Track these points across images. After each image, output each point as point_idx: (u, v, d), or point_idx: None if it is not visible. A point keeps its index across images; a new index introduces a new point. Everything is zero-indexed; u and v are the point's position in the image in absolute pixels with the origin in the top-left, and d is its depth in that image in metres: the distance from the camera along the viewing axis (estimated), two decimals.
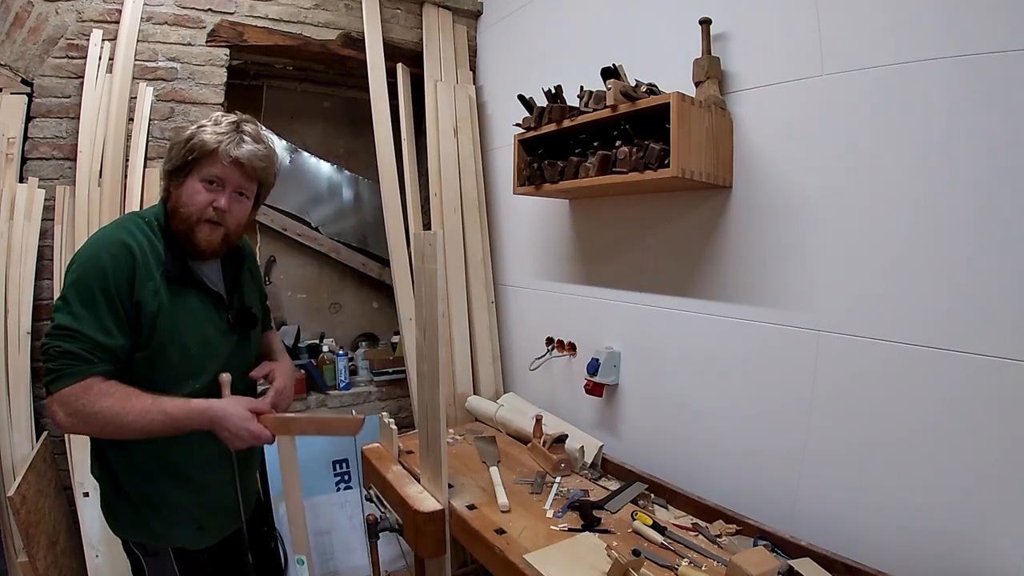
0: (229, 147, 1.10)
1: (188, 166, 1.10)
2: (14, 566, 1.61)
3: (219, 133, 1.10)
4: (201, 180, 1.11)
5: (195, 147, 1.09)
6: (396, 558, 2.35)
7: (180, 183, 1.12)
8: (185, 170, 1.11)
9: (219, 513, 1.29)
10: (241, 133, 1.12)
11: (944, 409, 1.11)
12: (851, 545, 1.21)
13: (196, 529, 1.24)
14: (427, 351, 1.50)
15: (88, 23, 1.91)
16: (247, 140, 1.12)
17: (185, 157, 1.10)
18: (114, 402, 1.02)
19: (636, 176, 1.44)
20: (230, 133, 1.11)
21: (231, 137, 1.10)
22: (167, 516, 1.21)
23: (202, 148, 1.08)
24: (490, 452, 1.83)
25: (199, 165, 1.10)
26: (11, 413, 1.70)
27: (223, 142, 1.09)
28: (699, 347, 1.59)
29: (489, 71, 2.57)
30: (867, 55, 1.20)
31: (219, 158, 1.10)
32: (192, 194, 1.10)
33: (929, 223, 1.13)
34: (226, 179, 1.12)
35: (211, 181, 1.11)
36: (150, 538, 1.22)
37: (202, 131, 1.10)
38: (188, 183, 1.11)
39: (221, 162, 1.10)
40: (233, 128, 1.12)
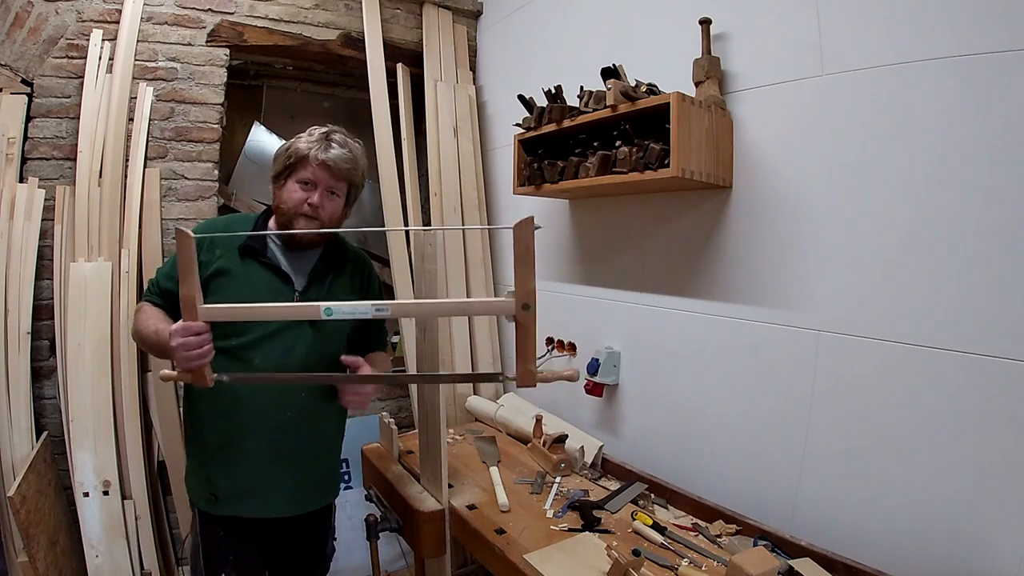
0: (318, 152, 1.28)
1: (287, 171, 1.30)
2: (14, 566, 1.61)
3: (311, 142, 1.29)
4: (297, 182, 1.29)
5: (292, 155, 1.29)
6: (396, 558, 2.35)
7: (281, 185, 1.32)
8: (284, 175, 1.31)
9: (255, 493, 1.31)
10: (330, 141, 1.30)
11: (944, 409, 1.11)
12: (851, 545, 1.21)
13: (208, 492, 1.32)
14: (427, 351, 1.50)
15: (88, 23, 1.91)
16: (334, 146, 1.30)
17: (285, 163, 1.30)
18: (141, 316, 1.28)
19: (636, 176, 1.44)
20: (320, 141, 1.29)
21: (320, 144, 1.29)
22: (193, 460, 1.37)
23: (297, 155, 1.28)
24: (490, 452, 1.83)
25: (295, 169, 1.29)
26: (11, 413, 1.70)
27: (313, 148, 1.28)
28: (699, 347, 1.59)
29: (489, 71, 2.57)
30: (867, 55, 1.20)
31: (310, 162, 1.28)
32: (290, 194, 1.30)
33: (929, 223, 1.13)
34: (317, 180, 1.29)
35: (305, 182, 1.29)
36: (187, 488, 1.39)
37: (298, 141, 1.30)
38: (287, 185, 1.30)
39: (312, 165, 1.28)
40: (323, 137, 1.30)
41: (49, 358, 1.85)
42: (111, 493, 1.75)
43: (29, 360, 1.76)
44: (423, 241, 1.48)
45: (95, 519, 1.72)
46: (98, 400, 1.77)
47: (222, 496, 1.32)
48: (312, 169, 1.28)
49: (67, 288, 1.79)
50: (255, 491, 1.32)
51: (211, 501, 1.32)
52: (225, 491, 1.32)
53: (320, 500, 1.45)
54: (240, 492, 1.31)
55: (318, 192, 1.29)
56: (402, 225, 2.36)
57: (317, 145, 1.28)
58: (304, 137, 1.31)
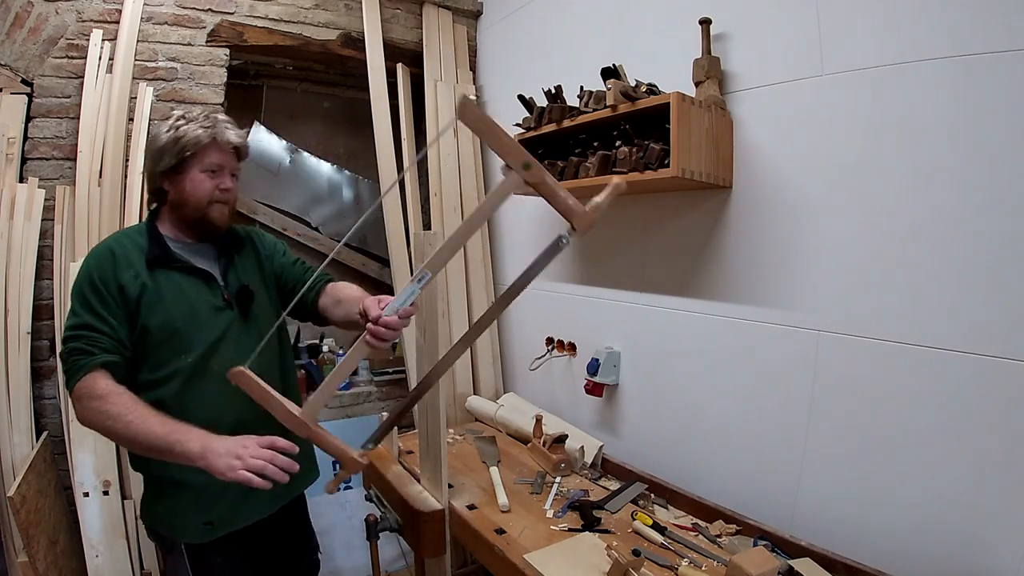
0: (227, 136, 1.22)
1: (186, 161, 1.20)
2: (14, 566, 1.61)
3: (205, 126, 1.20)
4: (203, 170, 1.21)
5: (189, 144, 1.18)
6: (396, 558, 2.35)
7: (179, 179, 1.21)
8: (182, 166, 1.20)
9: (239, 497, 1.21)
10: (223, 122, 1.23)
11: (944, 409, 1.11)
12: (851, 545, 1.21)
13: (203, 524, 1.21)
14: (427, 351, 1.50)
15: (88, 23, 1.91)
16: (230, 126, 1.24)
17: (180, 155, 1.19)
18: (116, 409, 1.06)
19: (636, 176, 1.44)
20: (215, 124, 1.21)
21: (219, 127, 1.22)
22: (173, 502, 1.20)
23: (197, 143, 1.19)
24: (490, 452, 1.83)
25: (196, 157, 1.20)
26: (11, 413, 1.70)
27: (217, 133, 1.21)
28: (699, 347, 1.59)
29: (489, 71, 2.57)
30: (867, 55, 1.20)
31: (219, 146, 1.21)
32: (197, 184, 1.21)
33: (929, 223, 1.13)
34: (225, 164, 1.24)
35: (212, 169, 1.22)
36: (156, 524, 1.24)
37: (186, 129, 1.19)
38: (190, 176, 1.21)
39: (221, 150, 1.22)
40: (213, 120, 1.22)
41: (49, 358, 1.85)
42: (111, 493, 1.75)
43: (29, 360, 1.75)
44: (423, 241, 1.48)
45: (95, 519, 1.72)
46: None
47: (217, 519, 1.22)
48: (221, 154, 1.22)
49: (67, 288, 1.79)
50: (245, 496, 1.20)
51: (208, 531, 1.21)
52: (219, 513, 1.22)
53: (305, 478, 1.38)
54: (232, 505, 1.23)
55: (227, 176, 1.25)
56: (402, 225, 2.36)
57: (218, 128, 1.21)
58: (189, 124, 1.20)
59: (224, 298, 1.26)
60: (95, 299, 1.13)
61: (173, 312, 1.18)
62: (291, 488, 1.28)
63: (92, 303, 1.13)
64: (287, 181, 2.80)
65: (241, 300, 1.28)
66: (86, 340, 1.11)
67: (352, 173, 3.00)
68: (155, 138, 1.21)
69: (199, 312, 1.21)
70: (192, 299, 1.20)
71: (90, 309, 1.13)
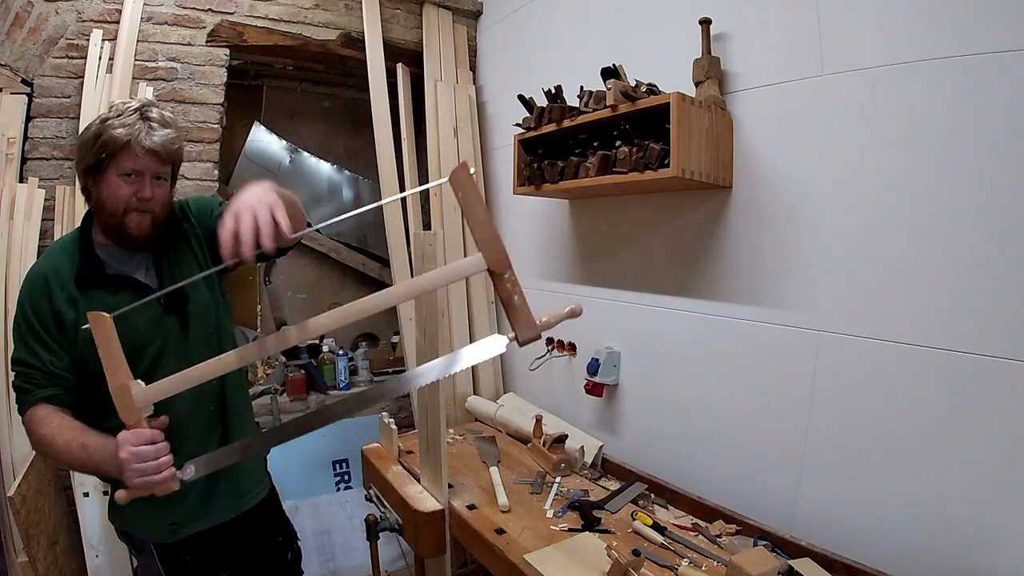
0: (142, 139, 1.08)
1: (103, 163, 1.09)
2: (14, 566, 1.61)
3: (127, 125, 1.08)
4: (119, 174, 1.10)
5: (107, 144, 1.07)
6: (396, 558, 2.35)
7: (98, 180, 1.11)
8: (101, 167, 1.10)
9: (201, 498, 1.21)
10: (149, 121, 1.11)
11: (944, 409, 1.11)
12: (851, 545, 1.21)
13: (168, 524, 1.18)
14: (427, 351, 1.50)
15: (88, 23, 1.91)
16: (156, 127, 1.11)
17: (98, 155, 1.08)
18: (46, 432, 1.03)
19: (636, 176, 1.44)
20: (137, 123, 1.09)
21: (140, 127, 1.09)
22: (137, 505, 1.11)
23: (114, 144, 1.07)
24: (490, 452, 1.83)
25: (114, 160, 1.09)
26: (11, 413, 1.70)
27: (134, 135, 1.08)
28: (699, 347, 1.59)
29: (489, 71, 2.57)
30: (867, 55, 1.20)
31: (134, 151, 1.08)
32: (113, 189, 1.10)
33: (929, 223, 1.13)
34: (144, 169, 1.11)
35: (129, 174, 1.10)
36: (126, 525, 1.21)
37: (109, 126, 1.08)
38: (107, 179, 1.10)
39: (136, 154, 1.09)
40: (139, 117, 1.10)
41: None
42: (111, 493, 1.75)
43: None
44: (423, 241, 1.48)
45: (95, 519, 1.72)
46: None
47: (181, 519, 1.19)
48: (136, 159, 1.09)
49: None
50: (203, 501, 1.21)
51: (173, 530, 1.18)
52: (181, 515, 1.19)
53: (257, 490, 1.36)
54: (191, 509, 1.20)
55: (146, 183, 1.11)
56: (402, 226, 2.36)
57: (137, 129, 1.08)
58: (115, 119, 1.08)
59: (161, 304, 1.15)
60: (28, 334, 1.08)
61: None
62: (247, 500, 1.31)
63: (26, 338, 1.08)
64: (287, 181, 2.80)
65: (176, 305, 1.18)
66: (23, 377, 1.07)
67: (352, 173, 3.00)
68: (84, 130, 1.11)
69: (137, 328, 1.11)
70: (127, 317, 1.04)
71: (24, 344, 1.08)
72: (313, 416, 0.98)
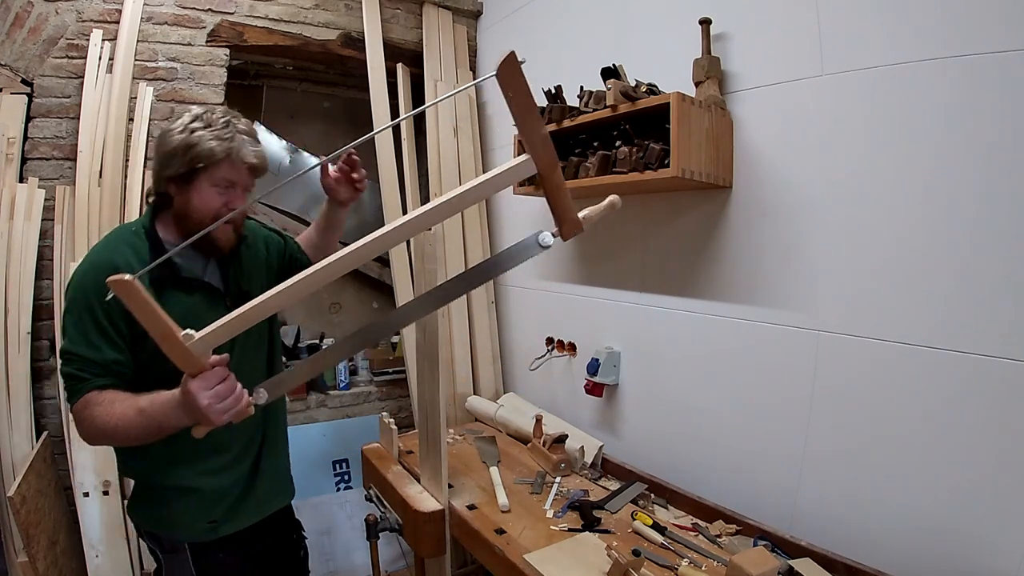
0: (243, 154, 1.12)
1: (195, 172, 1.11)
2: (14, 566, 1.61)
3: (223, 139, 1.10)
4: (213, 184, 1.12)
5: (202, 156, 1.09)
6: (396, 558, 2.35)
7: (186, 188, 1.12)
8: (191, 176, 1.11)
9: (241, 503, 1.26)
10: (241, 135, 1.13)
11: (944, 409, 1.11)
12: (851, 545, 1.21)
13: (207, 523, 1.21)
14: (427, 351, 1.50)
15: (88, 23, 1.91)
16: (248, 141, 1.14)
17: (191, 164, 1.09)
18: (102, 411, 1.02)
19: (636, 176, 1.44)
20: (234, 136, 1.11)
21: (238, 142, 1.11)
22: (178, 504, 1.19)
23: (211, 157, 1.09)
24: (490, 452, 1.83)
25: (208, 171, 1.11)
26: (11, 413, 1.70)
27: (233, 149, 1.10)
28: (699, 347, 1.59)
29: (489, 71, 2.56)
30: (867, 55, 1.20)
31: (233, 164, 1.11)
32: (205, 199, 1.12)
33: (929, 223, 1.13)
34: (238, 181, 1.14)
35: (223, 185, 1.13)
36: (158, 527, 1.22)
37: (200, 138, 1.09)
38: (198, 188, 1.12)
39: (235, 168, 1.12)
40: (232, 130, 1.12)
41: (49, 358, 1.85)
42: (111, 493, 1.75)
43: (29, 360, 1.76)
44: (423, 241, 1.48)
45: (95, 519, 1.72)
46: None
47: (221, 518, 1.22)
48: (235, 171, 1.12)
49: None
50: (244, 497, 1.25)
51: (212, 529, 1.21)
52: (224, 511, 1.22)
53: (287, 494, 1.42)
54: (233, 506, 1.24)
55: (239, 194, 1.15)
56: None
57: (236, 144, 1.11)
58: (205, 132, 1.09)
59: (227, 306, 1.18)
60: (92, 327, 1.05)
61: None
62: (281, 499, 1.38)
63: (87, 331, 1.05)
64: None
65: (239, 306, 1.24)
66: (77, 365, 1.05)
67: None
68: (165, 138, 1.11)
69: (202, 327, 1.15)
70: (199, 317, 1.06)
71: (84, 337, 1.05)
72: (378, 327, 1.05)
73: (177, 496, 1.19)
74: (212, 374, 0.88)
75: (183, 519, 1.20)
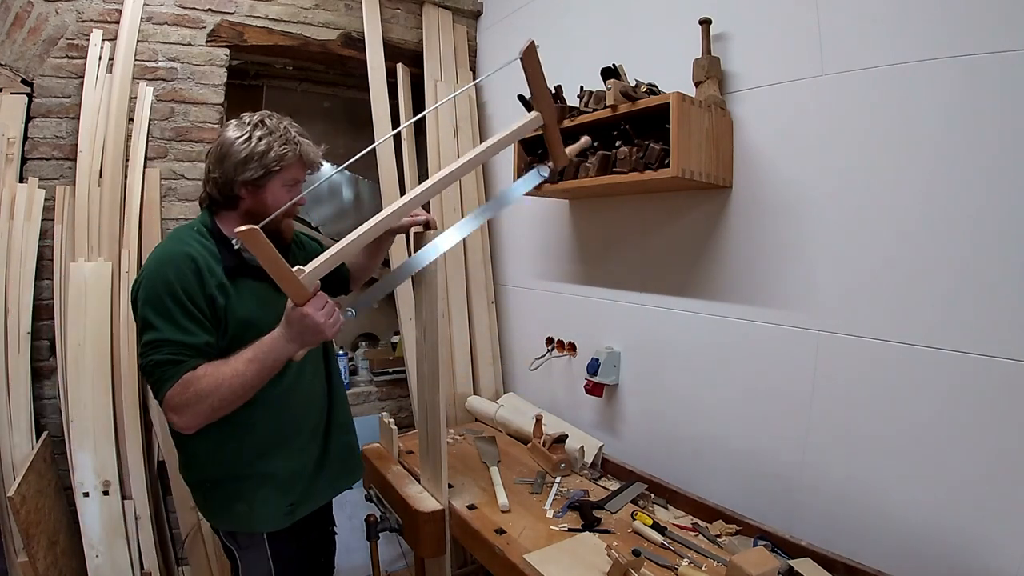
0: (311, 155, 1.26)
1: (269, 175, 1.21)
2: (14, 566, 1.61)
3: (291, 142, 1.22)
4: (284, 185, 1.24)
5: (275, 159, 1.20)
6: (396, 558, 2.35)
7: (259, 190, 1.22)
8: (265, 179, 1.21)
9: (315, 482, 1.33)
10: (301, 136, 1.25)
11: (944, 409, 1.11)
12: (851, 545, 1.21)
13: (287, 506, 1.27)
14: (427, 351, 1.50)
15: (88, 23, 1.91)
16: (307, 143, 1.26)
17: (269, 167, 1.20)
18: (209, 380, 1.08)
19: (636, 176, 1.44)
20: (298, 140, 1.23)
21: (303, 145, 1.24)
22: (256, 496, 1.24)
23: (283, 160, 1.20)
24: (490, 452, 1.83)
25: (280, 173, 1.22)
26: (11, 413, 1.70)
27: (302, 152, 1.23)
28: (699, 347, 1.59)
29: (489, 71, 2.56)
30: (867, 55, 1.20)
31: (304, 164, 1.25)
32: (278, 197, 1.23)
33: (929, 223, 1.13)
34: (301, 179, 1.28)
35: (291, 184, 1.25)
36: (237, 524, 1.27)
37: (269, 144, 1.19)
38: (271, 189, 1.23)
39: (304, 167, 1.26)
40: (294, 133, 1.24)
41: (49, 358, 1.85)
42: (111, 493, 1.75)
43: (29, 360, 1.75)
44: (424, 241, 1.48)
45: (95, 519, 1.72)
46: (98, 400, 1.77)
47: (297, 500, 1.28)
48: (302, 170, 1.27)
49: (67, 288, 1.79)
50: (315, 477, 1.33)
51: (289, 512, 1.27)
52: (299, 494, 1.29)
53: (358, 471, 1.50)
54: (309, 486, 1.31)
55: (299, 190, 1.28)
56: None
57: (300, 147, 1.23)
58: (268, 137, 1.21)
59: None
60: (179, 312, 1.11)
61: (262, 321, 1.15)
62: (352, 477, 1.47)
63: (176, 316, 1.10)
64: None
65: None
66: (170, 350, 1.09)
67: (352, 173, 3.00)
68: (233, 147, 1.20)
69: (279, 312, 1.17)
70: (273, 302, 1.16)
71: (174, 322, 1.10)
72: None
73: (257, 486, 1.24)
74: (318, 298, 1.07)
75: (264, 508, 1.25)
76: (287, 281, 1.02)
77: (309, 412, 1.33)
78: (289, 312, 1.07)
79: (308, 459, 1.32)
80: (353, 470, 1.48)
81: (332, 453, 1.38)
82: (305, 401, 1.32)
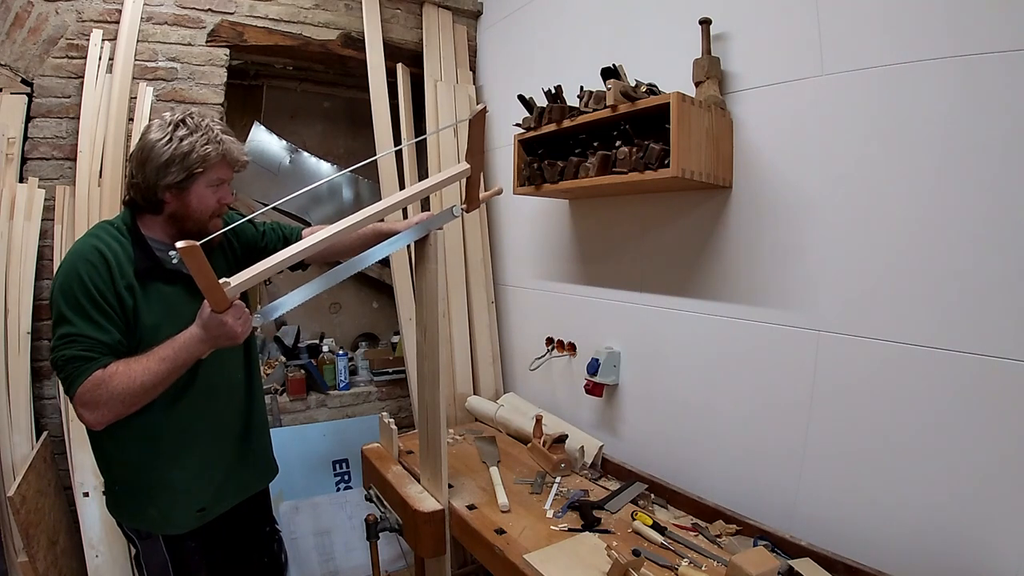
0: (235, 154, 1.23)
1: (192, 177, 1.19)
2: (14, 566, 1.61)
3: (213, 142, 1.19)
4: (208, 185, 1.22)
5: (198, 160, 1.17)
6: (396, 558, 2.35)
7: (183, 192, 1.20)
8: (189, 181, 1.19)
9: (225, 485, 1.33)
10: (225, 135, 1.22)
11: (944, 409, 1.11)
12: (851, 545, 1.21)
13: (196, 511, 1.27)
14: (427, 351, 1.50)
15: (88, 23, 1.91)
16: (231, 140, 1.24)
17: (191, 169, 1.17)
18: (121, 377, 1.08)
19: (636, 176, 1.44)
20: (221, 138, 1.20)
21: (226, 143, 1.21)
22: (166, 501, 1.24)
23: (207, 160, 1.18)
24: (490, 452, 1.83)
25: (204, 174, 1.20)
26: (11, 413, 1.70)
27: (226, 151, 1.21)
28: (699, 347, 1.59)
29: (489, 71, 2.57)
30: (867, 55, 1.20)
31: (227, 163, 1.23)
32: (203, 198, 1.22)
33: (929, 223, 1.12)
34: (227, 178, 1.26)
35: (216, 184, 1.23)
36: (147, 525, 1.26)
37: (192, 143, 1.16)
38: (195, 190, 1.20)
39: (228, 166, 1.23)
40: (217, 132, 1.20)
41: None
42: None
43: (29, 360, 1.76)
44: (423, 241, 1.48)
45: (95, 519, 1.72)
46: None
47: (208, 504, 1.29)
48: (226, 170, 1.23)
49: None
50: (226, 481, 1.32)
51: (200, 517, 1.28)
52: (211, 496, 1.29)
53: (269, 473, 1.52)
54: (219, 489, 1.31)
55: (227, 189, 1.26)
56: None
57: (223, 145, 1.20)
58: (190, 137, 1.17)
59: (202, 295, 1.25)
60: (91, 307, 1.10)
61: (168, 326, 1.15)
62: (260, 481, 1.48)
63: (88, 311, 1.10)
64: (287, 181, 2.80)
65: None
66: (83, 346, 1.08)
67: (352, 173, 3.00)
68: (154, 150, 1.16)
69: (185, 316, 1.16)
70: (180, 309, 1.18)
71: (86, 317, 1.09)
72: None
73: (165, 493, 1.23)
74: (237, 308, 1.11)
75: (171, 512, 1.24)
76: (213, 291, 1.05)
77: (224, 414, 1.33)
78: (208, 317, 1.10)
79: (222, 462, 1.32)
80: (266, 471, 1.50)
81: (247, 455, 1.39)
82: (221, 404, 1.32)
